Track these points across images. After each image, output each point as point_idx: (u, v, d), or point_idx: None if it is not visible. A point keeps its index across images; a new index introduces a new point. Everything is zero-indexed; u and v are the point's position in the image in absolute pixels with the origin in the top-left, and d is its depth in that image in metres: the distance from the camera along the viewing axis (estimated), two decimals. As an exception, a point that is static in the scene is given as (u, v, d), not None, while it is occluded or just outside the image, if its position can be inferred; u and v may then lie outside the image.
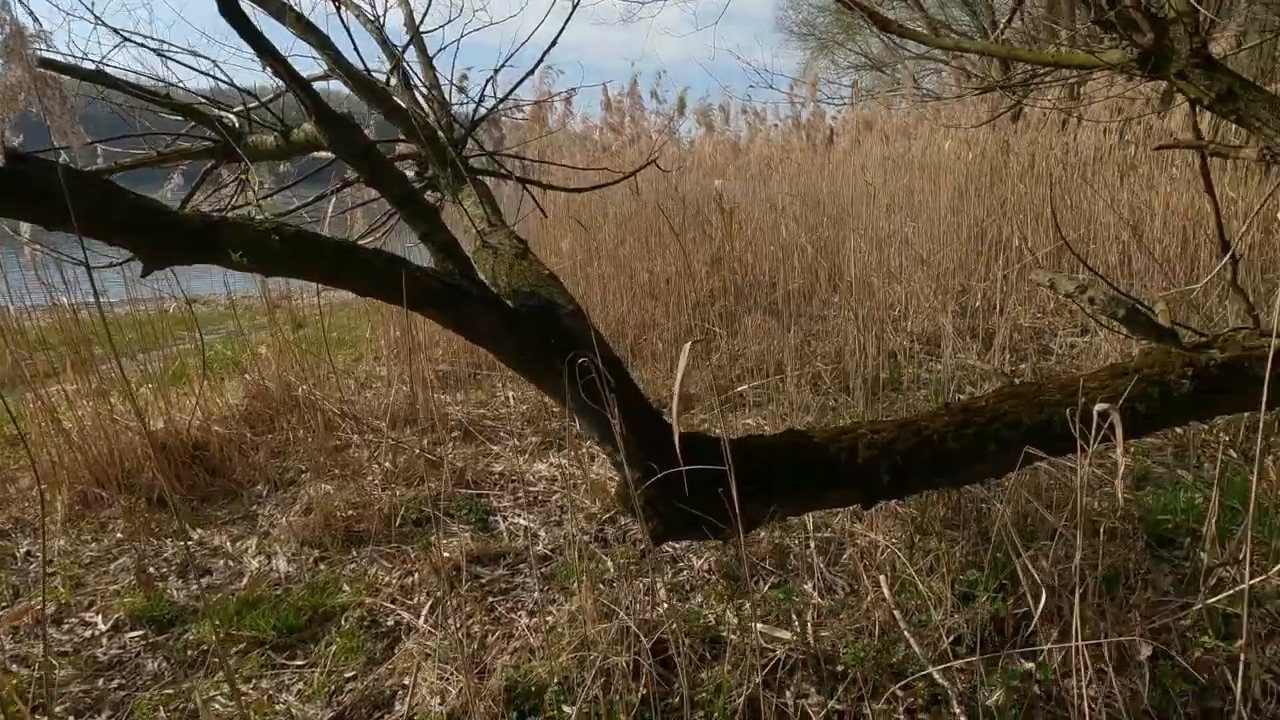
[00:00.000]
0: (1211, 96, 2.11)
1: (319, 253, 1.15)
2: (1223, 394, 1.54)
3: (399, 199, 1.26)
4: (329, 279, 1.21)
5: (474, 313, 1.22)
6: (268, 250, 1.10)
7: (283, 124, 1.73)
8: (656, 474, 1.19)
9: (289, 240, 1.11)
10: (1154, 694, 1.45)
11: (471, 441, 3.03)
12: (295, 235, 1.13)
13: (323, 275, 1.19)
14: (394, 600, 1.97)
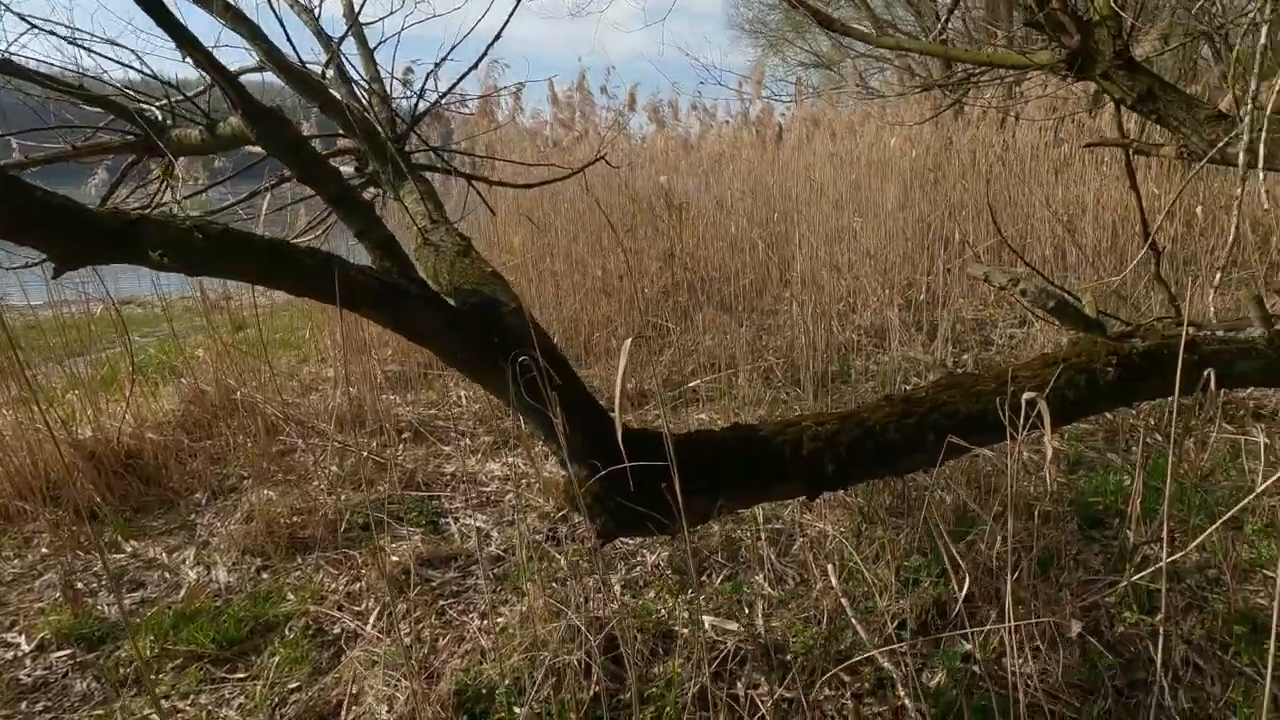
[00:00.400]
0: (1134, 97, 2.21)
1: (248, 251, 1.11)
2: (1144, 381, 1.61)
3: (334, 196, 1.23)
4: (259, 278, 1.17)
5: (413, 311, 1.19)
6: (191, 249, 1.05)
7: (207, 117, 1.66)
8: (600, 471, 1.19)
9: (214, 238, 1.07)
10: (1083, 669, 1.52)
11: (422, 443, 2.97)
12: (221, 233, 1.08)
13: (252, 275, 1.15)
14: (340, 607, 1.92)
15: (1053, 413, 1.63)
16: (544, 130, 4.96)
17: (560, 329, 3.90)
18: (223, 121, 1.66)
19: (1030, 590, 1.65)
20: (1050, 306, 1.65)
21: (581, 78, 4.74)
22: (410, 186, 1.71)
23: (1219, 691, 1.45)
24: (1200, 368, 1.59)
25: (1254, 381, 1.62)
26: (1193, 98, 2.22)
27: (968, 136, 5.09)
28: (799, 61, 13.47)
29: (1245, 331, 1.66)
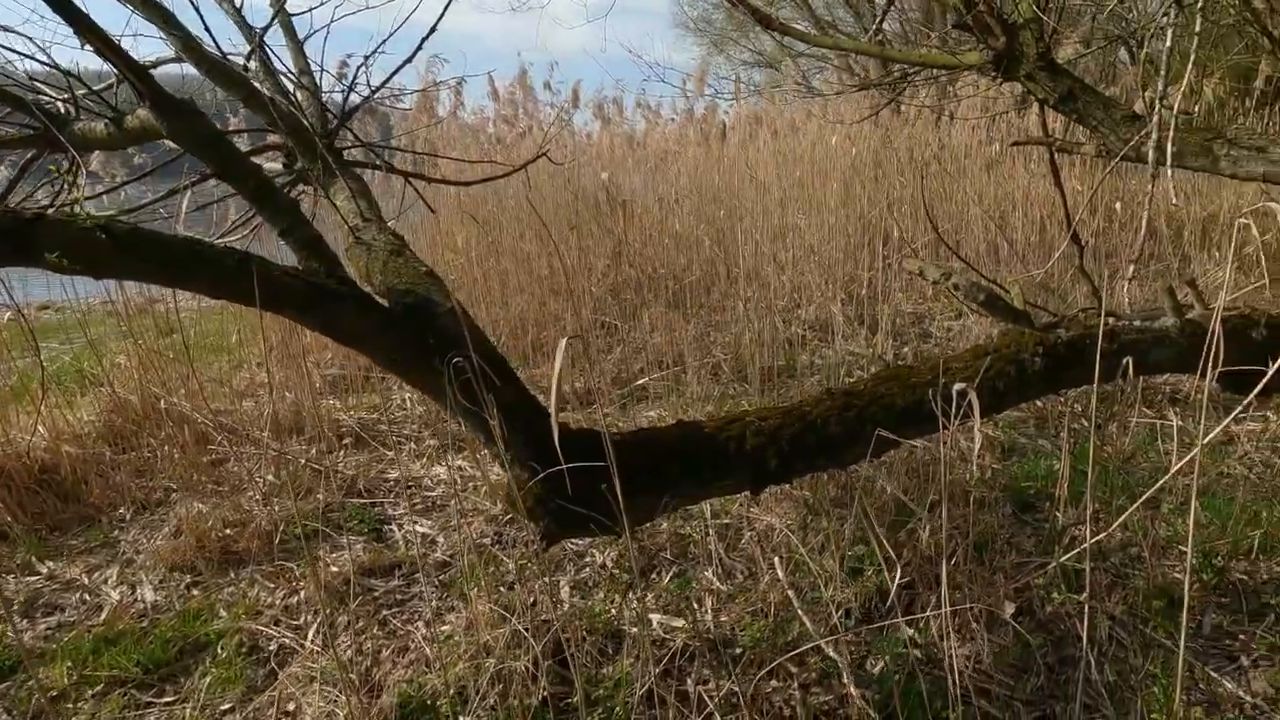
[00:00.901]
0: (1056, 97, 2.30)
1: (158, 251, 1.04)
2: (1069, 369, 1.68)
3: (254, 193, 1.17)
4: (172, 280, 1.10)
5: (341, 313, 1.14)
6: (94, 250, 0.99)
7: (113, 109, 1.56)
8: (540, 474, 1.17)
9: (120, 238, 1.00)
10: (1016, 648, 1.58)
11: (364, 448, 2.88)
12: (128, 233, 1.02)
13: (164, 277, 1.08)
14: (277, 623, 1.85)
15: (984, 402, 1.68)
16: (487, 127, 4.88)
17: (507, 328, 3.85)
18: (130, 114, 1.57)
19: (967, 574, 1.70)
20: (981, 300, 1.70)
21: (523, 73, 4.68)
22: (341, 184, 1.65)
23: (1141, 663, 1.53)
24: (1119, 356, 1.67)
25: (1168, 368, 1.70)
26: (1110, 99, 2.33)
27: (905, 135, 5.24)
28: (743, 60, 13.63)
29: (1160, 321, 1.74)
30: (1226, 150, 2.03)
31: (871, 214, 4.58)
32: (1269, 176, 1.96)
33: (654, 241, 4.25)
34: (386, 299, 1.33)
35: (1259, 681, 1.50)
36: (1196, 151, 2.08)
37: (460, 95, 4.36)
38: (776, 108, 5.26)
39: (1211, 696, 1.47)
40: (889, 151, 5.08)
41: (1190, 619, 1.67)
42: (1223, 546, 1.87)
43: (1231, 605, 1.73)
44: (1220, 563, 1.83)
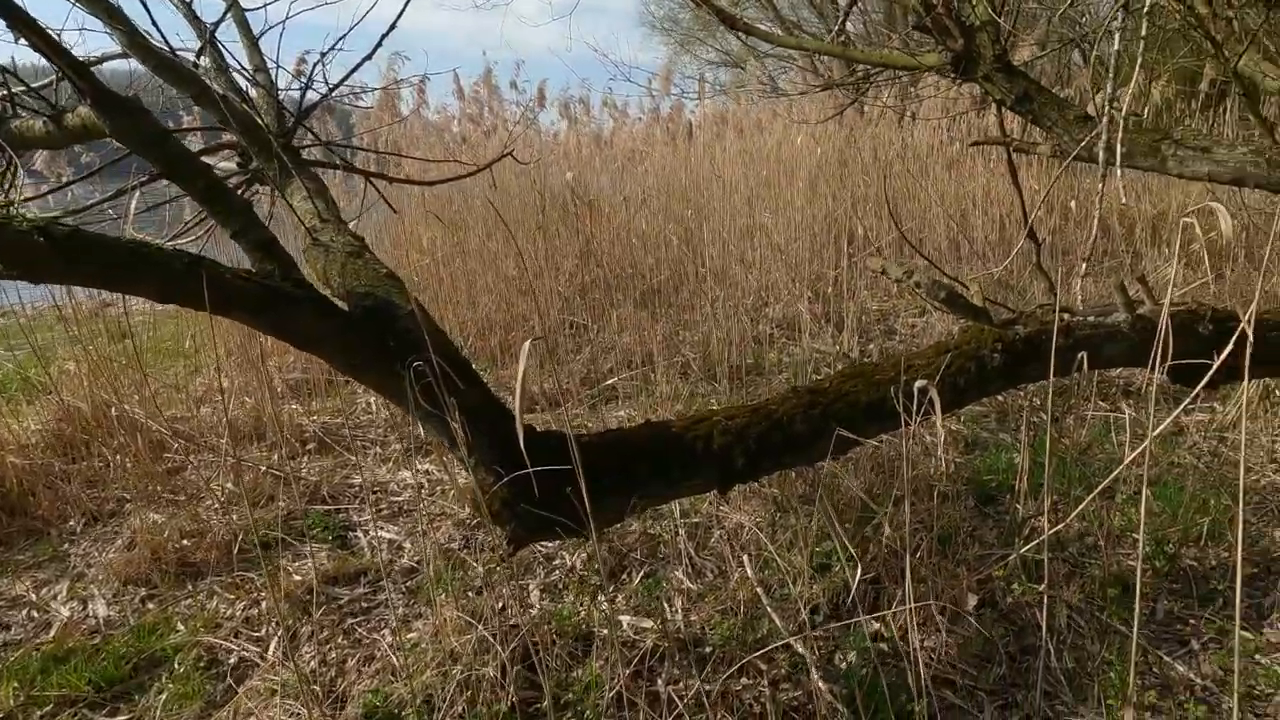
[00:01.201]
0: (1012, 98, 2.35)
1: (102, 255, 1.00)
2: (1027, 364, 1.72)
3: (204, 194, 1.13)
4: (119, 285, 1.06)
5: (297, 316, 1.11)
6: (32, 254, 0.95)
7: (53, 107, 1.50)
8: (505, 477, 1.15)
9: (60, 241, 0.96)
10: (979, 639, 1.61)
11: (328, 453, 2.82)
12: (69, 235, 0.98)
13: (107, 281, 1.04)
14: (236, 635, 1.80)
15: (946, 398, 1.71)
16: (452, 126, 4.82)
17: (475, 329, 3.80)
18: (72, 112, 1.51)
19: (931, 568, 1.73)
20: (942, 298, 1.73)
21: (489, 72, 4.64)
22: (298, 184, 1.61)
23: (1098, 650, 1.57)
24: (1074, 351, 1.71)
25: (1120, 362, 1.76)
26: (1064, 100, 2.39)
27: (869, 135, 5.31)
28: (709, 60, 13.69)
29: (1112, 316, 1.79)
30: (1173, 150, 2.10)
31: (837, 213, 4.63)
32: (1213, 176, 2.03)
33: (622, 241, 4.25)
34: (345, 301, 1.30)
35: (1208, 664, 1.55)
36: (1145, 152, 2.15)
37: (424, 94, 4.31)
38: (742, 108, 5.29)
39: (1164, 680, 1.52)
40: (854, 151, 5.15)
41: (1143, 605, 1.73)
42: (1174, 534, 1.93)
43: (1183, 591, 1.79)
44: (1172, 550, 1.89)
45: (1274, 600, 1.73)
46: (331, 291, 1.36)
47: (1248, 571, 1.83)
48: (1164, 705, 1.42)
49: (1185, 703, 1.42)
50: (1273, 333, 1.85)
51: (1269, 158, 1.93)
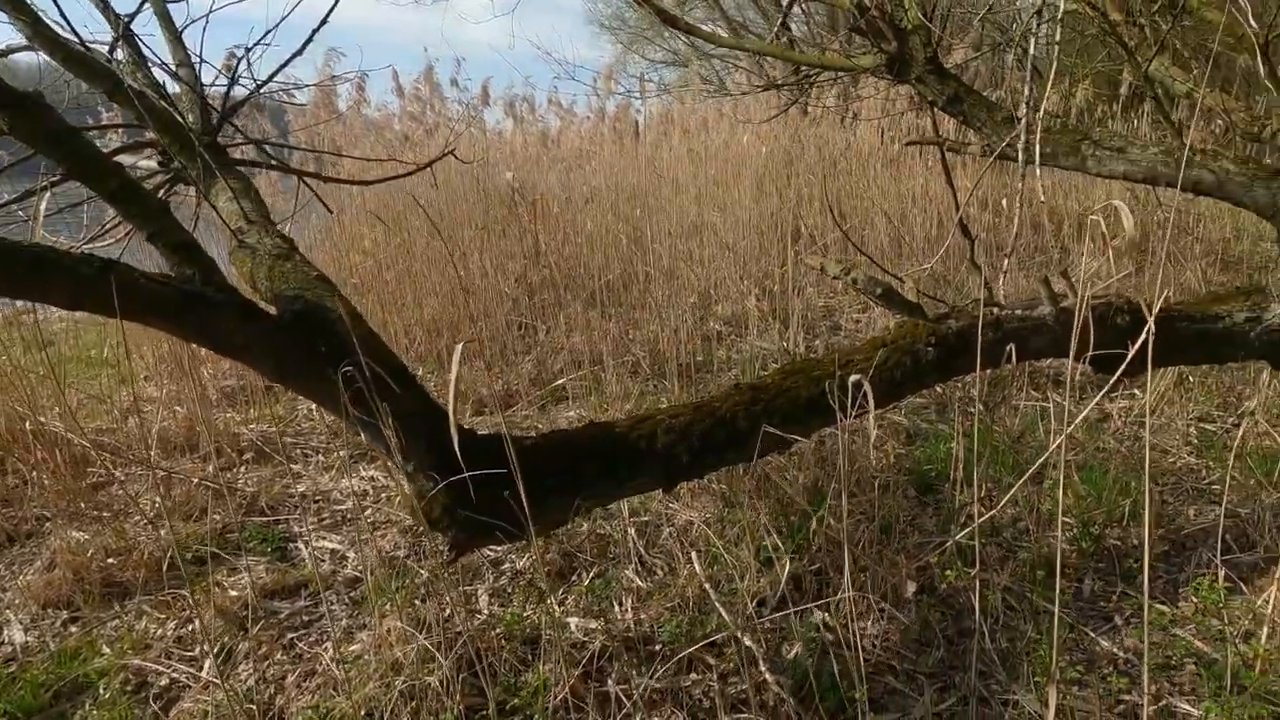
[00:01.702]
0: (944, 99, 2.43)
1: (2, 261, 0.95)
2: (959, 358, 1.78)
3: (116, 194, 1.07)
4: (21, 292, 1.00)
5: (220, 321, 1.07)
6: (-80, 260, 0.89)
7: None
8: (443, 483, 1.13)
9: (-48, 246, 0.90)
10: (918, 625, 1.66)
11: (267, 463, 2.73)
12: (-38, 240, 0.92)
13: (13, 288, 0.98)
14: (167, 656, 1.72)
15: (883, 391, 1.75)
16: (393, 124, 4.71)
17: (421, 331, 3.73)
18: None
19: (873, 557, 1.77)
20: (878, 294, 1.78)
21: (430, 69, 4.54)
22: (223, 184, 1.54)
23: (1029, 629, 1.64)
24: (1003, 344, 1.78)
25: (1046, 353, 1.83)
26: (992, 102, 2.48)
27: (814, 135, 5.42)
28: (657, 60, 13.75)
29: (1038, 310, 1.87)
30: (1092, 151, 2.20)
31: (783, 211, 4.71)
32: (1128, 175, 2.14)
33: (570, 241, 4.23)
34: (274, 305, 1.26)
35: (1130, 638, 1.63)
36: (1067, 151, 2.25)
37: (363, 91, 4.20)
38: (688, 107, 5.33)
39: (1090, 654, 1.60)
40: (799, 150, 5.24)
41: (1070, 585, 1.81)
42: (1099, 516, 2.03)
43: (1107, 569, 1.88)
44: (1096, 531, 1.99)
45: (1188, 575, 1.83)
46: (259, 296, 1.32)
47: (1162, 549, 1.93)
48: (1089, 679, 1.49)
49: (1108, 675, 1.49)
50: (1182, 323, 1.96)
51: (1177, 158, 2.04)
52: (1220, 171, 1.97)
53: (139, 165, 1.82)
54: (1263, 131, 2.25)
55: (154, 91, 1.65)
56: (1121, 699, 1.44)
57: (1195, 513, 2.09)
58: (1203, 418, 2.60)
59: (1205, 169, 1.98)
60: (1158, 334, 1.99)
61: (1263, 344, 1.96)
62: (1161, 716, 1.40)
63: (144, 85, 1.68)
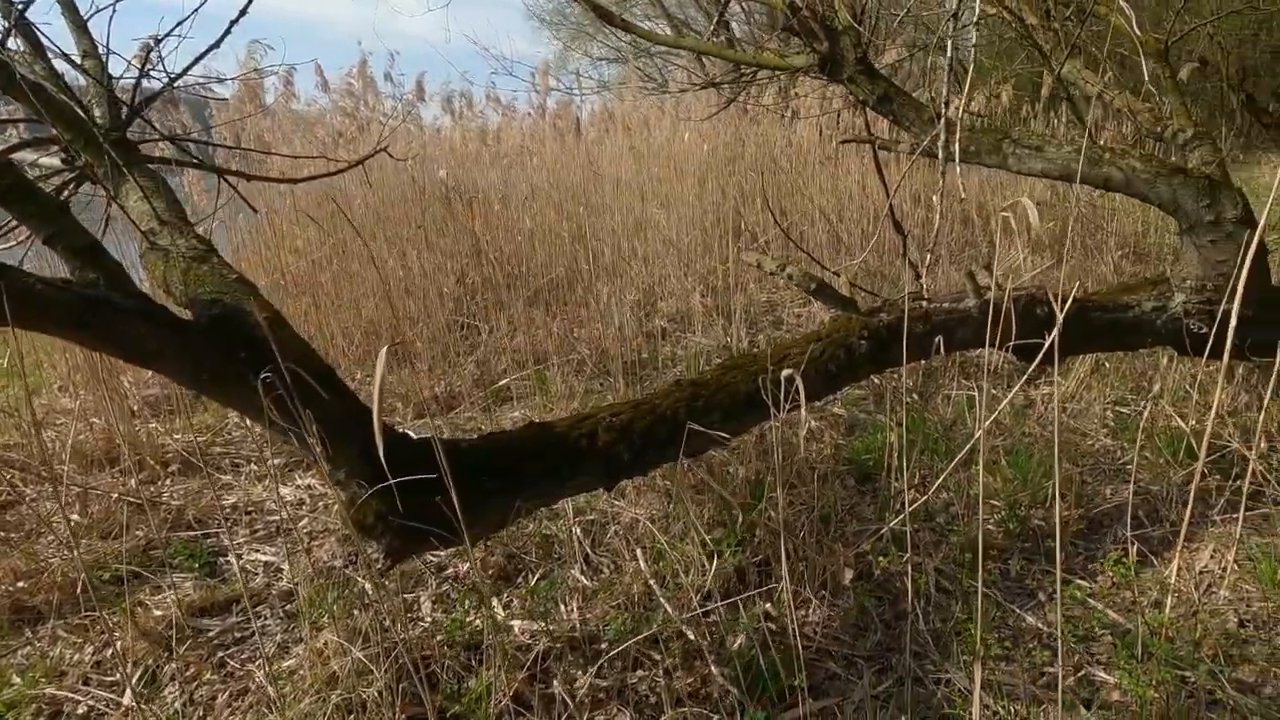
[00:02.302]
0: (874, 99, 2.49)
1: (-125, 266, 0.87)
2: (890, 349, 1.84)
3: (6, 194, 1.00)
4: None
5: (127, 328, 1.01)
6: None
7: None
8: (371, 490, 1.10)
9: None
10: (856, 610, 1.71)
11: (195, 474, 2.61)
12: None
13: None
14: (86, 682, 1.63)
15: (819, 383, 1.79)
16: (325, 120, 4.55)
17: (360, 334, 3.63)
18: None
19: (813, 547, 1.81)
20: (812, 289, 1.81)
21: (363, 63, 4.41)
22: (134, 183, 1.46)
23: (960, 610, 1.71)
24: (932, 335, 1.84)
25: (971, 344, 1.91)
26: (920, 102, 2.56)
27: (756, 133, 5.50)
28: (599, 57, 13.70)
29: (964, 302, 1.94)
30: (1013, 149, 2.30)
31: (726, 208, 4.77)
32: (1046, 172, 2.24)
33: (513, 239, 4.18)
34: (190, 310, 1.20)
35: (1053, 613, 1.72)
36: (989, 150, 2.34)
37: (291, 85, 4.04)
38: (630, 104, 5.34)
39: (1016, 630, 1.67)
40: (741, 148, 5.31)
41: (998, 564, 1.89)
42: (1024, 498, 2.13)
43: (1032, 549, 1.97)
44: (1022, 512, 2.08)
45: (1105, 550, 1.94)
46: (174, 300, 1.25)
47: (1081, 527, 2.04)
48: (1015, 654, 1.56)
49: (1033, 650, 1.57)
50: (1096, 312, 2.07)
51: (1089, 156, 2.15)
52: (1127, 169, 2.08)
53: (40, 163, 1.71)
54: (1165, 131, 2.39)
55: (54, 84, 1.55)
56: (1044, 671, 1.52)
57: (1111, 491, 2.21)
58: (1118, 401, 2.75)
59: (1114, 166, 2.09)
60: (1073, 323, 2.10)
61: (1168, 331, 2.09)
62: (1081, 685, 1.48)
63: (42, 77, 1.58)
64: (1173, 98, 2.34)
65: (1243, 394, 2.46)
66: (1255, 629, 1.63)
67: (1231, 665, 1.47)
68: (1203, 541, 1.90)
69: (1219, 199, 2.01)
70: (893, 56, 5.06)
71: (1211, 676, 1.40)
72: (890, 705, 1.48)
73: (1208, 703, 1.38)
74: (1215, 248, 2.03)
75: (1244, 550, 1.85)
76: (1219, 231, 2.01)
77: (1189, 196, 2.02)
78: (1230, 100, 11.24)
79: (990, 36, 3.27)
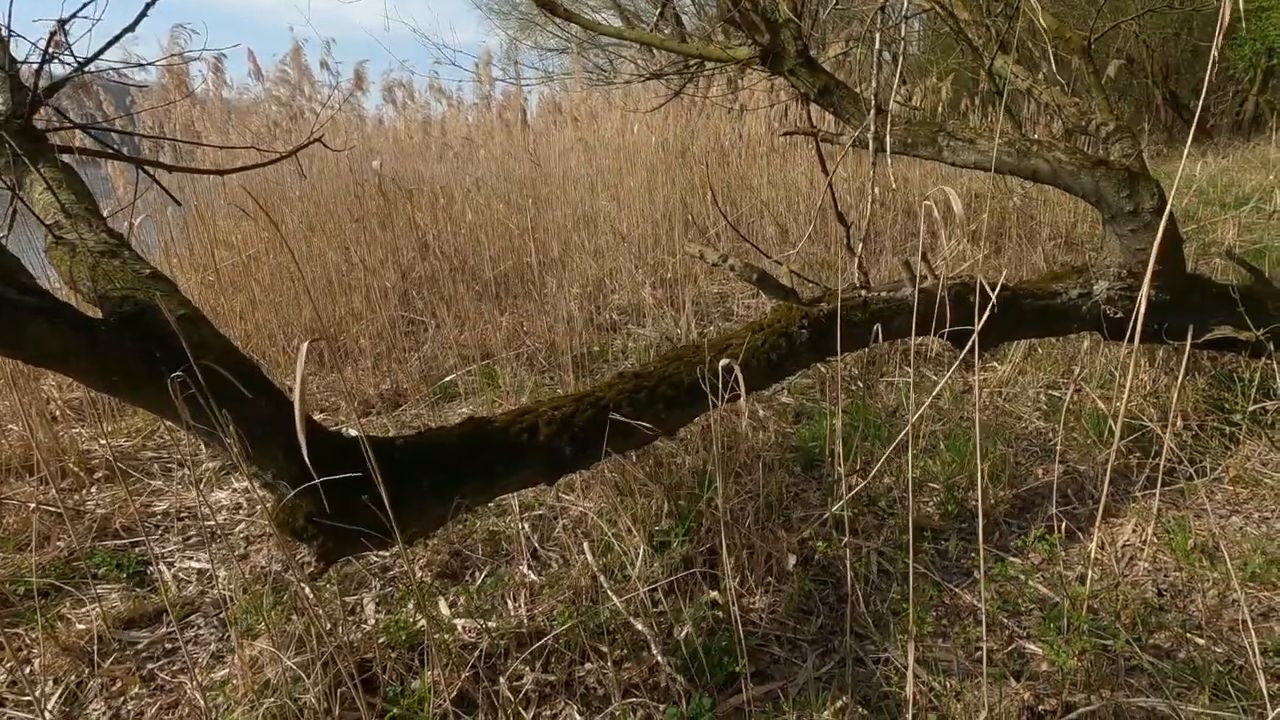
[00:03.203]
0: (815, 91, 2.52)
1: None
2: (830, 338, 1.87)
3: (-115, 184, 0.93)
4: None
5: (26, 328, 0.95)
6: None
7: None
8: (294, 490, 1.07)
9: None
10: (800, 595, 1.74)
11: (123, 480, 2.49)
12: None
13: None
14: (1, 702, 1.54)
15: (762, 373, 1.81)
16: (260, 109, 4.38)
17: (300, 330, 3.51)
18: None
19: (758, 534, 1.84)
20: (754, 279, 1.83)
21: (296, 50, 4.25)
22: (37, 174, 1.38)
23: (899, 591, 1.75)
24: (871, 324, 1.88)
25: (908, 332, 1.96)
26: (859, 95, 2.60)
27: (705, 125, 5.52)
28: (551, 47, 13.54)
29: (901, 291, 1.98)
30: (947, 141, 2.36)
31: (676, 201, 4.78)
32: (978, 164, 2.31)
33: (460, 233, 4.10)
34: (99, 308, 1.14)
35: (988, 590, 1.78)
36: (925, 142, 2.39)
37: (221, 73, 3.86)
38: (580, 96, 5.30)
39: (953, 608, 1.73)
40: (690, 140, 5.32)
41: (936, 545, 1.95)
42: (962, 480, 2.20)
43: (968, 530, 2.04)
44: (960, 494, 2.15)
45: (1034, 528, 2.02)
46: (82, 297, 1.19)
47: (1014, 505, 2.12)
48: (952, 630, 1.62)
49: (967, 626, 1.62)
50: (1026, 300, 2.15)
51: (1018, 148, 2.22)
52: (1054, 161, 2.16)
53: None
54: (1089, 125, 2.49)
55: (-53, 67, 1.45)
56: (978, 646, 1.57)
57: (1043, 471, 2.30)
58: (1050, 385, 2.87)
59: (1041, 158, 2.17)
60: (1003, 310, 2.17)
61: (1091, 317, 2.18)
62: (1011, 658, 1.54)
63: (-66, 60, 1.47)
64: (1095, 92, 2.43)
65: (1163, 376, 2.58)
66: (1171, 598, 1.72)
67: (1149, 632, 1.55)
68: (1124, 517, 2.00)
69: (1138, 190, 2.10)
70: (835, 51, 5.14)
71: (1131, 644, 1.47)
72: (832, 686, 1.51)
73: (1127, 669, 1.46)
74: (1135, 236, 2.12)
75: (1162, 524, 1.95)
76: (1138, 221, 2.10)
77: (1110, 188, 2.11)
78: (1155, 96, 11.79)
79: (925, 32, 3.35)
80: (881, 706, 1.44)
